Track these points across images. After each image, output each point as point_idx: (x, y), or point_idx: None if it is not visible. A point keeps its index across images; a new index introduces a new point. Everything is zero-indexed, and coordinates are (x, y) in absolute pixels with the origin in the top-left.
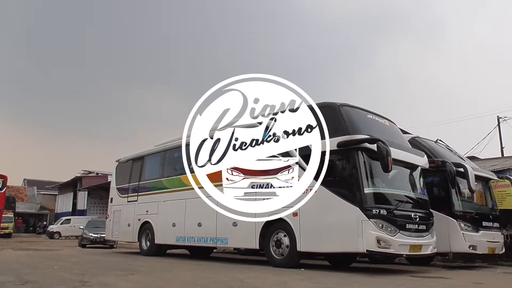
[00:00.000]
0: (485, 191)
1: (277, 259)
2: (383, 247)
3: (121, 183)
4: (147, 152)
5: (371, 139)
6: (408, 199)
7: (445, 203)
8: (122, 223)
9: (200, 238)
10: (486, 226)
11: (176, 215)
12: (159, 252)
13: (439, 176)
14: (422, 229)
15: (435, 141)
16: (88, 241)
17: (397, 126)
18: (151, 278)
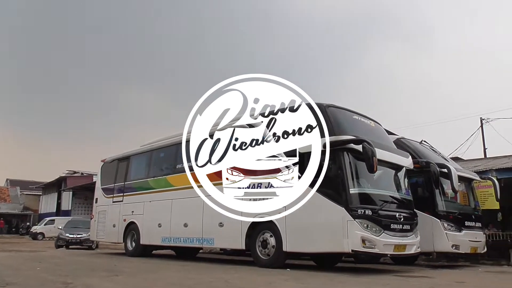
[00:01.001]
0: (468, 192)
1: (263, 260)
2: (368, 247)
3: (106, 183)
4: (133, 152)
5: (356, 140)
6: (393, 199)
7: (429, 203)
8: (107, 223)
9: (186, 239)
10: (468, 225)
11: (162, 216)
12: (144, 252)
13: (423, 176)
14: (407, 229)
15: (420, 142)
16: (64, 241)
17: (382, 127)
18: (136, 279)
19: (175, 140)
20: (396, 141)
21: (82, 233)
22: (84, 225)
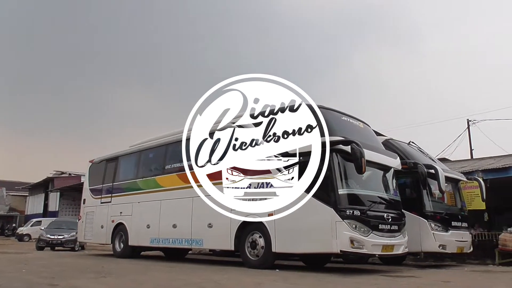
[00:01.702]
0: (455, 192)
1: (252, 260)
2: (357, 248)
3: (94, 184)
4: (122, 152)
5: (345, 141)
6: (381, 200)
7: (417, 203)
8: (95, 224)
9: (175, 240)
10: (455, 226)
11: (151, 217)
12: (133, 254)
13: (411, 177)
14: (394, 229)
15: (408, 143)
16: (45, 243)
17: (371, 128)
18: (124, 280)
19: (165, 140)
20: (384, 142)
21: (64, 234)
22: (68, 226)
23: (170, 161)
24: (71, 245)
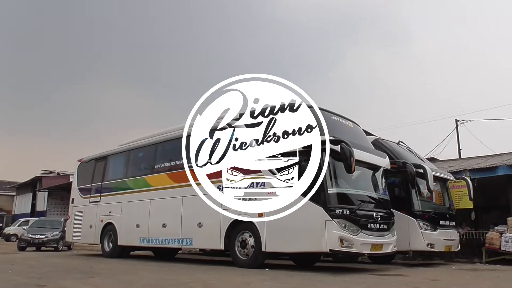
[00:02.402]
0: (443, 191)
1: (242, 260)
2: (346, 246)
3: (83, 183)
4: (111, 151)
5: (335, 140)
6: (370, 199)
7: (406, 203)
8: (84, 224)
9: (165, 239)
10: (443, 225)
11: (140, 216)
12: (122, 254)
13: (400, 176)
14: (383, 229)
15: (397, 143)
16: (26, 243)
17: (360, 128)
18: (112, 280)
19: (155, 139)
20: (374, 142)
21: (46, 234)
22: (52, 225)
23: (160, 160)
24: (53, 244)
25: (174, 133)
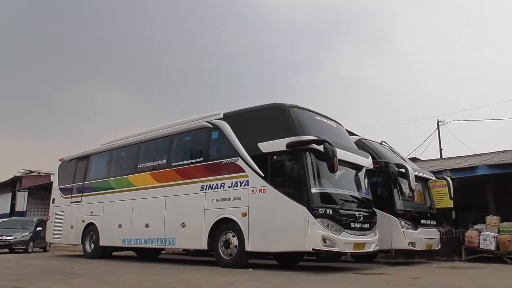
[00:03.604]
0: (424, 191)
1: (226, 260)
2: (329, 246)
3: (64, 183)
4: (93, 151)
5: (318, 140)
6: (353, 198)
7: (388, 202)
8: (65, 224)
9: (147, 240)
10: (424, 223)
11: (123, 216)
12: (104, 254)
13: (383, 176)
14: (366, 228)
15: (380, 143)
16: None
17: (344, 128)
18: (93, 281)
19: (138, 139)
20: (357, 142)
21: (14, 235)
22: (23, 226)
23: (143, 160)
24: (22, 246)
25: (158, 133)
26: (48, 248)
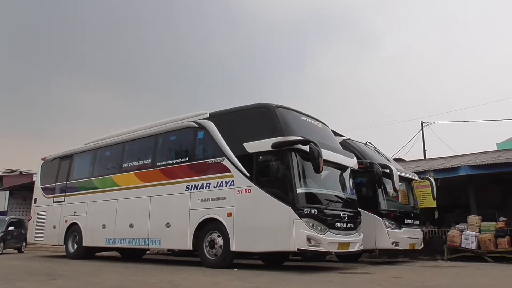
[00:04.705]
0: (408, 191)
1: (211, 260)
2: (314, 246)
3: (46, 183)
4: (77, 150)
5: (304, 141)
6: (338, 198)
7: (372, 202)
8: (47, 225)
9: (132, 240)
10: (408, 223)
11: (107, 216)
12: (87, 255)
13: (367, 176)
14: (350, 228)
15: (365, 143)
16: None
17: (329, 128)
18: (75, 282)
19: (122, 138)
20: (342, 142)
21: None
22: None
23: (127, 159)
24: None
25: (143, 132)
26: (23, 249)
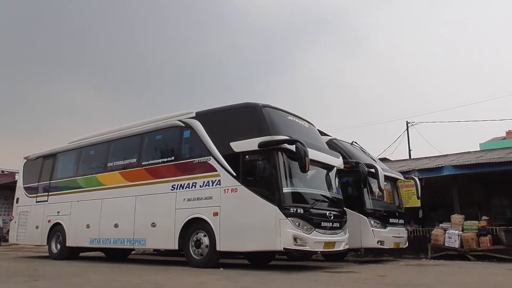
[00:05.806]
0: (393, 191)
1: (196, 260)
2: (300, 245)
3: (29, 182)
4: (60, 149)
5: (290, 140)
6: (324, 198)
7: (358, 201)
8: (29, 225)
9: (116, 240)
10: (392, 222)
11: (91, 216)
12: (71, 255)
13: (353, 176)
14: (336, 227)
15: (351, 143)
16: None
17: (316, 128)
18: (58, 283)
19: (107, 137)
20: (328, 142)
21: None
22: None
23: (113, 158)
24: None
25: (129, 131)
26: None
